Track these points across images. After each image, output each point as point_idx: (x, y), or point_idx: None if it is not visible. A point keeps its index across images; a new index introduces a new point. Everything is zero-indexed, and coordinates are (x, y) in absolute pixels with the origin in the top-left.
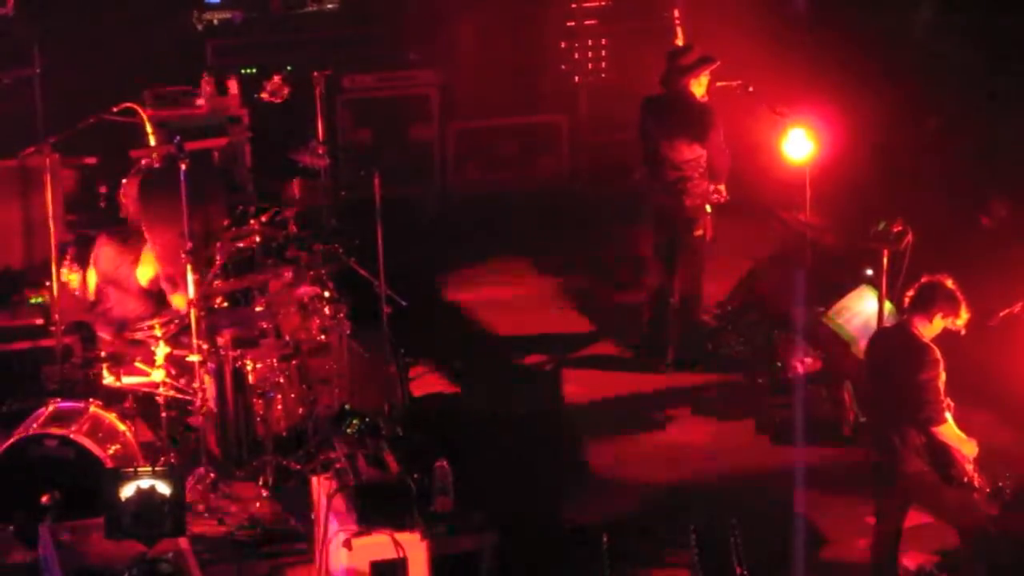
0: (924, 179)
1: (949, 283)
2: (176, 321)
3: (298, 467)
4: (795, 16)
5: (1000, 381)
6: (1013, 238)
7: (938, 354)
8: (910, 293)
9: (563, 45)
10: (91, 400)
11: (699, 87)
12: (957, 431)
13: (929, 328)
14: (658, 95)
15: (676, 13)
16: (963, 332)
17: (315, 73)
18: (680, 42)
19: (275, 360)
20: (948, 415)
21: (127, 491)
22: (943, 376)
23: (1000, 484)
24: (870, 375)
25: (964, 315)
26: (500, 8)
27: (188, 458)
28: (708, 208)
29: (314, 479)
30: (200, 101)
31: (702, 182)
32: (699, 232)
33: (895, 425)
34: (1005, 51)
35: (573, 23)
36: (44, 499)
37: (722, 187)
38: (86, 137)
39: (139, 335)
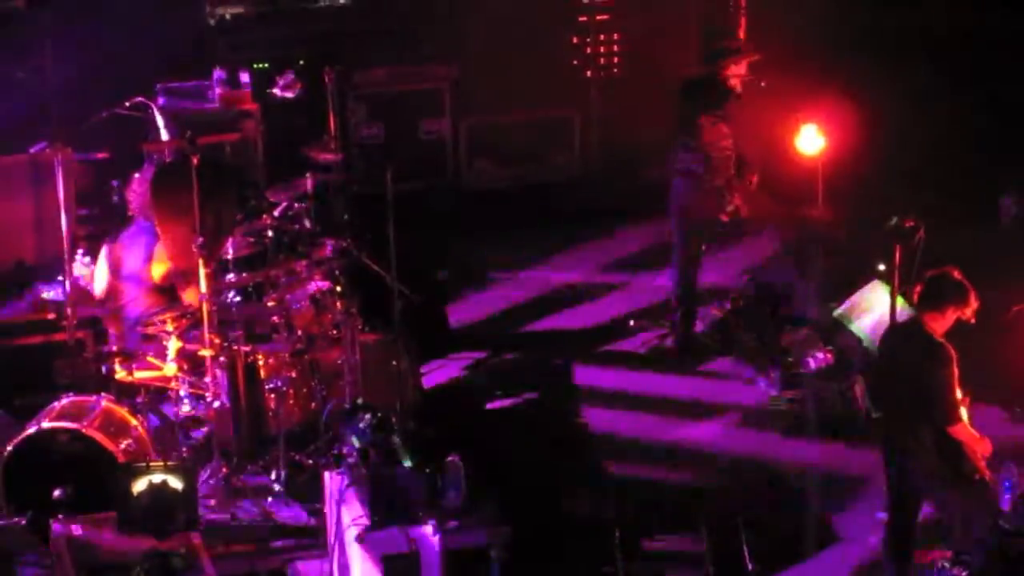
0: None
1: (956, 274)
2: (188, 316)
3: (310, 461)
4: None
5: (1012, 377)
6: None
7: (952, 351)
8: (918, 288)
9: (575, 40)
10: (103, 395)
11: (735, 74)
12: (971, 430)
13: (942, 322)
14: (694, 77)
15: None
16: (973, 321)
17: (327, 68)
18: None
19: (287, 355)
20: (963, 411)
21: (139, 485)
22: (956, 373)
23: (1011, 480)
24: (882, 371)
25: (973, 303)
26: (512, 2)
27: (200, 452)
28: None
29: (326, 473)
30: (212, 96)
31: (730, 164)
32: (731, 208)
33: (908, 421)
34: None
35: (585, 18)
36: (56, 493)
37: (755, 179)
38: (98, 132)
39: (151, 330)
